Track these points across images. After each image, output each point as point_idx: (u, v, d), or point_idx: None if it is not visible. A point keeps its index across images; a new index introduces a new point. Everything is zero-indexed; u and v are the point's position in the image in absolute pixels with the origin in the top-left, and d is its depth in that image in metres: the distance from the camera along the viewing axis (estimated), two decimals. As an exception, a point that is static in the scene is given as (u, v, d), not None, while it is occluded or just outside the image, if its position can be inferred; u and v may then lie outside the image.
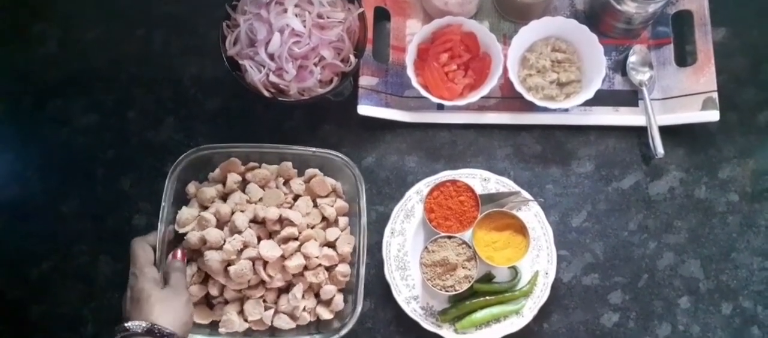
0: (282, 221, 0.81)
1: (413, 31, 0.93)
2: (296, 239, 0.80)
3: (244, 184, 0.85)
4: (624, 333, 0.85)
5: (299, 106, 0.91)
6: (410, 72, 0.88)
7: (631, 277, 0.86)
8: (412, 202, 0.87)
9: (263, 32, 0.82)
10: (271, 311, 0.81)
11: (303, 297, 0.81)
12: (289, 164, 0.85)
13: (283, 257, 0.79)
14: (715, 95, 0.87)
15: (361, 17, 0.85)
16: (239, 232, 0.79)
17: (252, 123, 0.92)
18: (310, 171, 0.85)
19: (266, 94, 0.83)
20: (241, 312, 0.81)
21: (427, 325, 0.83)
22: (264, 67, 0.82)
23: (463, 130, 0.91)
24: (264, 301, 0.81)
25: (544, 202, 0.87)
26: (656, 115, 0.88)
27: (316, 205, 0.84)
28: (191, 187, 0.84)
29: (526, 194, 0.86)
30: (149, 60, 0.94)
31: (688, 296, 0.86)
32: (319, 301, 0.83)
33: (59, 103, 0.94)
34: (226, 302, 0.82)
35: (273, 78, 0.82)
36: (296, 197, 0.85)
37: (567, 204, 0.89)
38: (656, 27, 0.92)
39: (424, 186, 0.87)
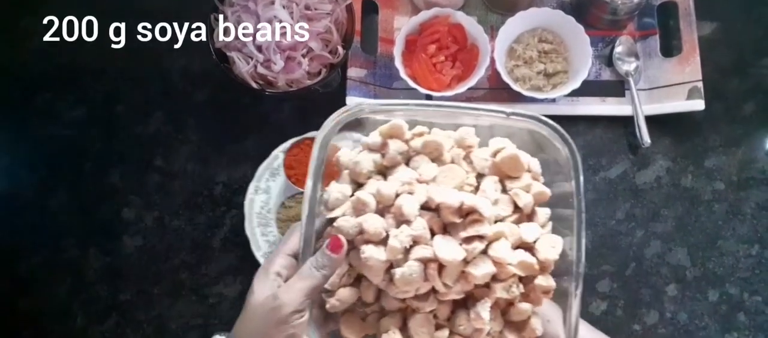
0: (463, 210, 0.56)
1: (401, 23, 0.93)
2: (483, 238, 0.56)
3: (408, 156, 0.62)
4: (612, 321, 0.86)
5: (288, 97, 0.92)
6: (398, 63, 0.88)
7: (618, 266, 0.87)
8: (279, 161, 0.86)
9: (251, 24, 0.82)
10: (445, 331, 0.58)
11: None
12: (472, 130, 0.61)
13: (465, 261, 0.56)
14: (700, 84, 0.88)
15: (349, 9, 0.85)
16: (408, 222, 0.56)
17: (240, 115, 0.92)
18: (497, 142, 0.61)
19: (254, 85, 0.83)
20: (403, 329, 0.59)
21: None
22: (252, 58, 0.82)
23: (452, 121, 0.91)
24: (435, 317, 0.59)
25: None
26: (642, 104, 0.89)
27: (505, 190, 0.60)
28: (342, 156, 0.62)
29: None
30: (137, 53, 0.94)
31: (675, 284, 0.86)
32: (508, 323, 0.60)
33: (47, 97, 0.94)
34: (383, 313, 0.61)
35: (261, 70, 0.82)
36: (479, 176, 0.61)
37: (555, 194, 0.89)
38: (642, 18, 0.93)
39: (289, 144, 0.86)
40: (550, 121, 0.59)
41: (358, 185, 0.61)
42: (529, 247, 0.58)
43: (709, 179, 0.89)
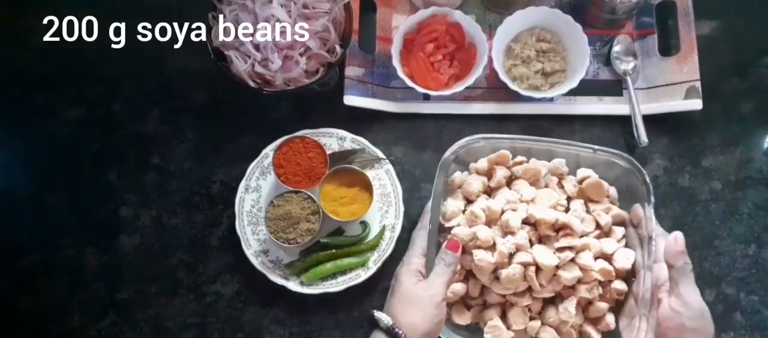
0: (556, 225, 0.73)
1: (400, 22, 0.93)
2: (572, 248, 0.72)
3: (510, 180, 0.79)
4: (609, 320, 0.86)
5: (285, 96, 0.92)
6: (396, 62, 0.88)
7: (615, 265, 0.87)
8: (269, 160, 0.87)
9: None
10: (537, 322, 0.74)
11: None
12: (563, 161, 0.77)
13: (557, 266, 0.71)
14: (698, 84, 0.88)
15: (347, 8, 0.85)
16: (512, 233, 0.72)
17: (238, 114, 0.92)
18: (583, 172, 0.77)
19: (252, 84, 0.83)
20: (502, 319, 0.75)
21: (274, 278, 0.84)
22: (249, 57, 0.82)
23: (449, 120, 0.91)
24: (529, 310, 0.74)
25: (393, 160, 0.88)
26: (640, 104, 0.89)
27: (588, 211, 0.76)
28: (456, 178, 0.79)
29: (377, 152, 0.87)
30: (135, 52, 0.94)
31: (672, 283, 0.86)
32: (587, 318, 0.75)
33: (45, 96, 0.94)
34: (485, 305, 0.76)
35: (259, 68, 0.82)
36: (568, 199, 0.77)
37: (552, 194, 0.89)
38: (640, 17, 0.93)
39: (278, 143, 0.87)
40: (629, 157, 0.73)
41: (468, 201, 0.78)
42: (607, 258, 0.74)
43: (706, 179, 0.89)
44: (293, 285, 0.84)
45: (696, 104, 0.87)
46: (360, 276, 0.85)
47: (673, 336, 0.66)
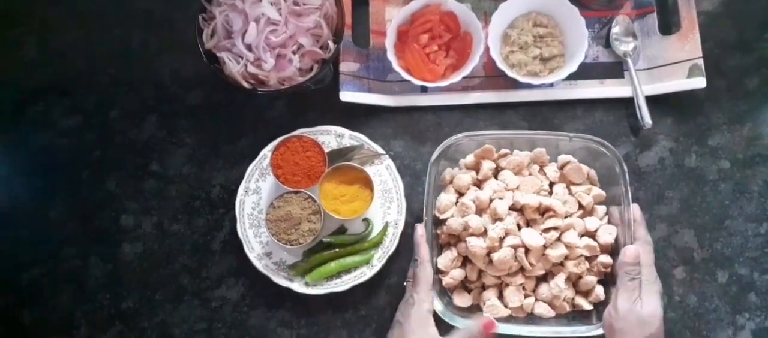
0: (541, 209, 0.79)
1: (393, 14, 0.92)
2: (557, 228, 0.78)
3: (496, 171, 0.84)
4: (619, 306, 0.84)
5: (280, 95, 0.91)
6: (391, 55, 0.87)
7: (624, 250, 0.85)
8: (267, 161, 0.86)
9: (239, 23, 0.81)
10: (532, 299, 0.79)
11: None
12: (544, 150, 0.82)
13: (544, 246, 0.77)
14: (701, 62, 0.86)
15: (338, 3, 0.84)
16: (501, 219, 0.78)
17: (234, 115, 0.91)
18: (563, 158, 0.82)
19: (246, 85, 0.82)
20: (500, 298, 0.80)
21: (279, 280, 0.83)
22: (242, 58, 0.81)
23: (448, 111, 0.90)
24: (523, 289, 0.80)
25: (393, 155, 0.87)
26: (642, 85, 0.87)
27: (571, 193, 0.82)
28: (447, 174, 0.84)
29: (377, 147, 0.86)
30: (128, 59, 0.94)
31: (683, 266, 0.85)
32: (578, 292, 0.80)
33: (41, 107, 0.93)
34: (484, 287, 0.81)
35: (252, 68, 0.81)
36: (551, 184, 0.83)
37: (556, 181, 0.88)
38: (638, -4, 0.91)
39: (275, 143, 0.86)
40: (602, 141, 0.79)
41: (460, 194, 0.82)
42: (591, 235, 0.80)
43: (713, 158, 0.87)
44: (298, 287, 0.84)
45: (699, 82, 0.86)
46: (365, 274, 0.84)
47: (606, 329, 0.74)
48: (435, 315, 0.75)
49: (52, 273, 0.89)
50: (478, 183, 0.83)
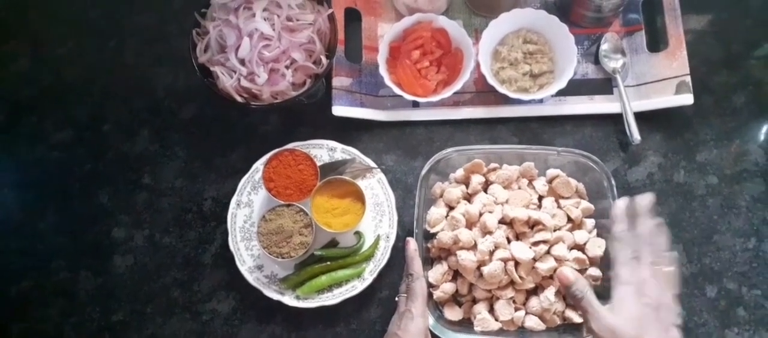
0: (530, 222, 0.79)
1: (385, 31, 0.93)
2: (546, 241, 0.78)
3: (486, 185, 0.84)
4: (609, 321, 0.84)
5: (273, 110, 0.91)
6: (383, 71, 0.88)
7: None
8: (259, 174, 0.86)
9: (233, 38, 0.82)
10: (522, 312, 0.79)
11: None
12: (532, 164, 0.83)
13: (534, 259, 0.77)
14: (689, 78, 0.87)
15: (331, 18, 0.85)
16: (490, 233, 0.78)
17: (227, 129, 0.92)
18: (552, 172, 0.83)
19: (239, 99, 0.83)
20: (491, 311, 0.80)
21: (270, 293, 0.83)
22: (235, 72, 0.82)
23: (440, 126, 0.91)
24: (514, 302, 0.80)
25: (385, 169, 0.88)
26: (631, 101, 0.88)
27: (560, 206, 0.82)
28: (437, 189, 0.84)
29: (368, 161, 0.87)
30: (122, 72, 0.94)
31: (672, 281, 0.85)
32: (568, 304, 0.80)
33: (33, 120, 0.94)
34: (474, 301, 0.81)
35: (245, 83, 0.82)
36: (540, 198, 0.83)
37: (546, 195, 0.89)
38: (627, 14, 0.93)
39: (268, 157, 0.86)
40: (590, 155, 0.80)
41: (450, 208, 0.83)
42: (581, 248, 0.80)
43: (701, 173, 0.88)
44: (289, 300, 0.84)
45: (687, 99, 0.87)
46: (356, 287, 0.84)
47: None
48: None
49: (41, 285, 0.88)
50: (468, 197, 0.83)
